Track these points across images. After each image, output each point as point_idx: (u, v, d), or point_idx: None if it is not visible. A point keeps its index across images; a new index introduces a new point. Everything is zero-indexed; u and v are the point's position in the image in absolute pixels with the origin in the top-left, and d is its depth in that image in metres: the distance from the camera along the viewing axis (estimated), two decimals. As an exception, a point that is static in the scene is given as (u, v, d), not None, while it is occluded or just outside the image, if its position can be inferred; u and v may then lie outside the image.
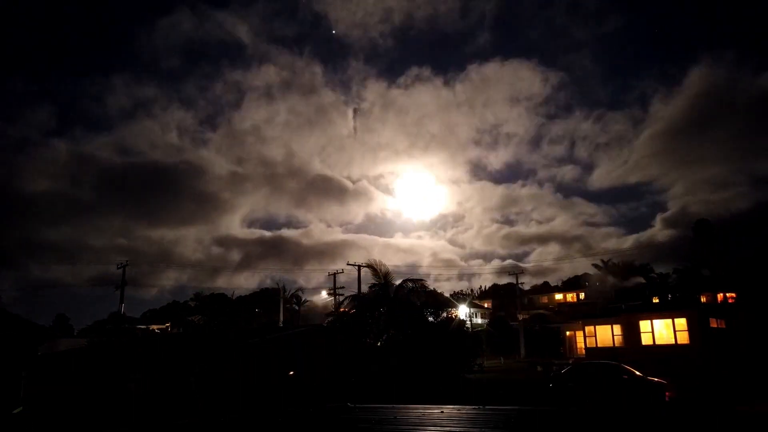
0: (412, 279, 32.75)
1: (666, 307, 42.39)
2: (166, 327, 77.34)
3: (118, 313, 56.11)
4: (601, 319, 41.66)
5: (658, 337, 35.68)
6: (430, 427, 5.47)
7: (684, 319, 34.94)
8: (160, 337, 50.68)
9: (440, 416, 6.72)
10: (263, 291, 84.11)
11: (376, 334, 30.18)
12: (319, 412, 7.72)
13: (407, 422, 6.12)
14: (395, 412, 7.38)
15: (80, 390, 18.62)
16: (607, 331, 39.21)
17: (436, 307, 32.28)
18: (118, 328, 56.29)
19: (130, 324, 72.43)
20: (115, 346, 28.02)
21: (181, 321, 73.86)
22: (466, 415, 6.93)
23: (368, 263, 34.28)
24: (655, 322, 36.21)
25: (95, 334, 60.67)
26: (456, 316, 35.90)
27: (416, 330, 27.94)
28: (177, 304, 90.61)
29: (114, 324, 60.78)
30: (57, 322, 79.72)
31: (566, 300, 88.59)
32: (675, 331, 34.98)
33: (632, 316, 37.95)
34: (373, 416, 7.16)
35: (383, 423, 6.11)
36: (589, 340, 40.34)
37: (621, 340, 37.91)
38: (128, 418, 15.28)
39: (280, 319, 64.20)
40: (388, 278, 31.64)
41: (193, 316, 76.16)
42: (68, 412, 17.65)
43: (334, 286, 58.27)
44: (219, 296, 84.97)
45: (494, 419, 5.96)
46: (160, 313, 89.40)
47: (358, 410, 7.79)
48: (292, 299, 77.32)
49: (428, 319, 30.37)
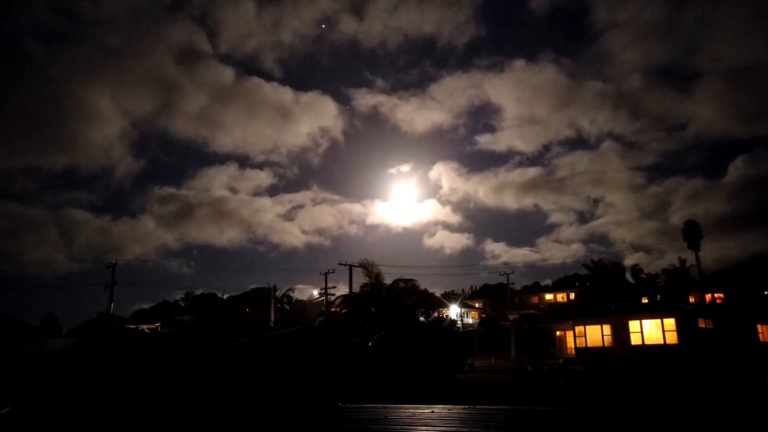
0: (403, 279, 32.88)
1: (655, 307, 42.80)
2: (156, 327, 76.93)
3: (107, 313, 55.69)
4: (591, 319, 41.96)
5: (647, 337, 36.00)
6: (421, 427, 5.51)
7: (673, 320, 35.29)
8: (150, 337, 50.40)
9: (431, 416, 6.76)
10: (254, 291, 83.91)
11: (368, 334, 30.21)
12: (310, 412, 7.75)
13: (398, 422, 6.16)
14: (386, 411, 7.41)
15: (69, 390, 18.50)
16: (596, 331, 39.50)
17: (427, 306, 32.37)
18: (107, 327, 55.87)
19: (120, 324, 71.98)
20: (104, 346, 27.84)
21: (171, 321, 73.51)
22: (457, 414, 6.97)
23: (360, 263, 34.33)
24: (644, 323, 36.53)
25: (84, 334, 60.18)
26: (447, 316, 36.05)
27: (407, 330, 27.99)
28: (167, 304, 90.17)
29: (103, 324, 60.33)
30: (45, 322, 79.02)
31: (557, 300, 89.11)
32: (664, 331, 35.32)
33: (622, 317, 38.27)
34: (363, 416, 7.18)
35: (374, 422, 6.15)
36: (579, 340, 40.61)
37: (611, 340, 38.20)
38: (118, 419, 15.19)
39: (271, 319, 64.02)
40: (379, 278, 31.74)
41: (184, 316, 75.89)
42: (57, 412, 17.51)
43: (325, 286, 58.24)
44: (209, 296, 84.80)
45: (485, 419, 6.01)
46: (150, 313, 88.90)
47: (349, 410, 7.82)
48: (283, 299, 77.20)
49: (420, 318, 30.45)
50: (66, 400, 17.94)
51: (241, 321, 70.00)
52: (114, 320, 61.28)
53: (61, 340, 46.30)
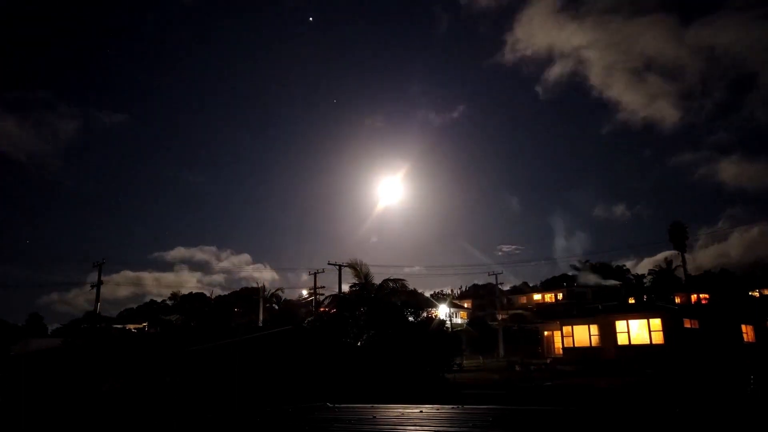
0: (392, 279, 32.83)
1: (641, 307, 43.14)
2: (143, 327, 76.28)
3: (94, 313, 55.10)
4: (579, 319, 42.27)
5: (633, 337, 36.32)
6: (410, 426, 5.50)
7: (659, 320, 35.62)
8: (136, 337, 49.89)
9: (419, 416, 6.75)
10: (243, 290, 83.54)
11: (357, 334, 30.16)
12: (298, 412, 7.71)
13: (386, 422, 6.15)
14: (375, 411, 7.39)
15: (54, 391, 18.27)
16: (584, 331, 39.79)
17: (416, 307, 32.34)
18: (93, 327, 55.27)
19: (107, 323, 71.28)
20: (89, 345, 27.52)
21: (159, 321, 72.95)
22: (446, 414, 6.97)
23: (349, 263, 34.24)
24: (631, 323, 36.85)
25: (70, 333, 59.50)
26: (436, 316, 36.02)
27: (396, 330, 27.96)
28: (154, 304, 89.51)
29: (89, 323, 59.70)
30: (30, 322, 78.06)
31: (545, 300, 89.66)
32: (650, 331, 35.64)
33: (609, 317, 38.58)
34: (352, 416, 7.15)
35: (362, 422, 6.13)
36: (567, 339, 40.88)
37: (598, 340, 38.50)
38: (102, 419, 15.02)
39: (260, 319, 63.74)
40: (368, 278, 31.65)
41: (171, 316, 75.33)
42: (40, 413, 17.29)
43: (314, 286, 58.08)
44: (198, 295, 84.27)
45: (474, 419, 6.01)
46: (137, 313, 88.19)
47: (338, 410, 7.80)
48: (272, 299, 76.87)
49: (408, 318, 30.43)
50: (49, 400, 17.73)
51: (230, 321, 69.64)
52: (100, 320, 60.63)
53: (46, 340, 45.84)
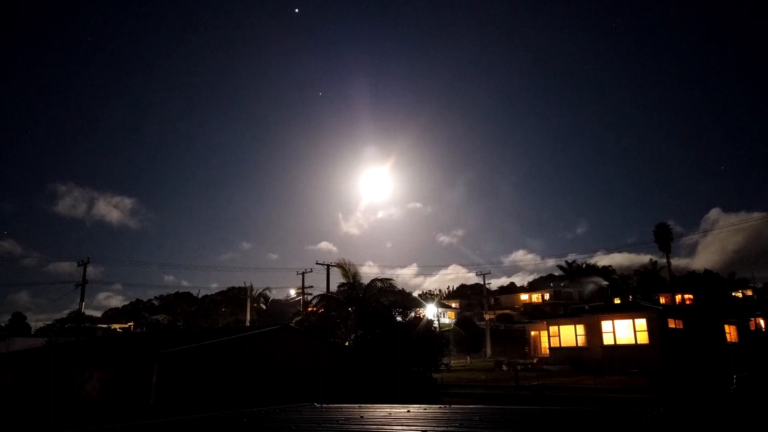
0: (380, 279, 32.89)
1: (627, 308, 43.53)
2: (128, 326, 75.57)
3: (78, 312, 54.46)
4: (565, 319, 42.58)
5: (619, 337, 36.65)
6: (397, 426, 5.51)
7: (644, 320, 35.97)
8: (120, 336, 49.39)
9: (407, 415, 6.76)
10: (230, 290, 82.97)
11: (345, 334, 30.13)
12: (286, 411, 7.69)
13: (373, 422, 6.15)
14: (362, 411, 7.39)
15: (35, 389, 18.04)
16: (570, 331, 40.09)
17: (404, 306, 32.39)
18: (77, 327, 54.63)
19: (92, 323, 70.53)
20: (72, 344, 27.19)
21: (144, 320, 72.31)
22: (433, 414, 6.99)
23: (337, 263, 34.20)
24: (616, 323, 37.17)
25: (54, 333, 58.75)
26: (424, 316, 36.08)
27: (384, 330, 27.96)
28: (140, 303, 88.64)
29: (74, 323, 59.00)
30: (13, 321, 76.92)
31: (531, 300, 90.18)
32: (635, 331, 35.98)
33: (595, 317, 38.89)
34: (339, 415, 7.13)
35: (349, 422, 6.13)
36: (553, 339, 41.16)
37: (584, 340, 38.80)
38: (84, 418, 14.84)
39: (247, 319, 63.44)
40: (356, 278, 31.62)
41: (157, 315, 74.66)
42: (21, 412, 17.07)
43: (302, 285, 57.88)
44: (184, 295, 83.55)
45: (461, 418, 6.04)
46: (123, 312, 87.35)
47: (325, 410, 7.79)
48: (259, 298, 76.47)
49: (396, 318, 30.45)
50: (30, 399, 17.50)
51: (217, 320, 69.21)
52: (84, 319, 59.96)
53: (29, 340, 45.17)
